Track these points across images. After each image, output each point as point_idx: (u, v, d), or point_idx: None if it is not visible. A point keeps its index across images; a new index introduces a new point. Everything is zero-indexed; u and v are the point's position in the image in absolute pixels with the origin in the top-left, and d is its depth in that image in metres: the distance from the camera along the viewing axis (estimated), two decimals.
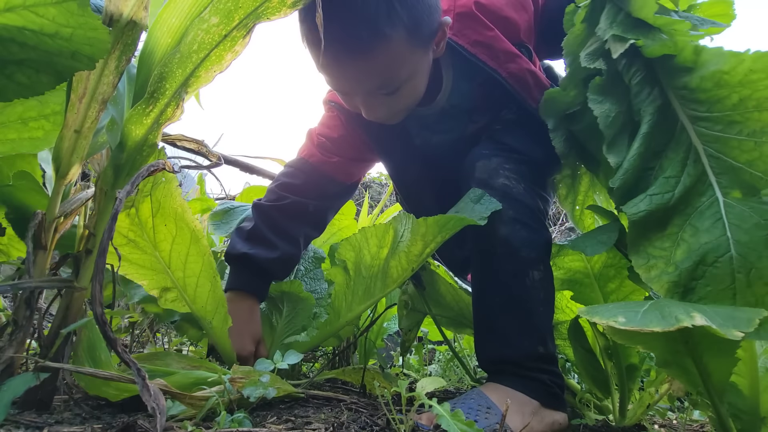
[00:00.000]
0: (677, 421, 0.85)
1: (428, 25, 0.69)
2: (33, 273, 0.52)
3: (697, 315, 0.40)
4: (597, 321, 0.43)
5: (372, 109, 0.74)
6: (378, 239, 0.75)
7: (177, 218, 0.67)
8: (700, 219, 0.50)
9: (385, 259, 0.75)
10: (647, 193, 0.54)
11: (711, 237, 0.49)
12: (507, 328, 0.64)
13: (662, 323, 0.40)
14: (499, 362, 0.65)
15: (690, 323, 0.39)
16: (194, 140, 0.83)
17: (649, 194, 0.53)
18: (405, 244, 0.71)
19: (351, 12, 0.62)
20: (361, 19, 0.62)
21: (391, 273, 0.75)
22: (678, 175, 0.53)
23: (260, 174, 2.97)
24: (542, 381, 0.62)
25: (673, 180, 0.53)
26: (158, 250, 0.70)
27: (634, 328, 0.41)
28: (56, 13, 0.42)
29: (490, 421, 0.56)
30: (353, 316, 0.80)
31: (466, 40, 0.73)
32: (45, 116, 0.66)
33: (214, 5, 0.51)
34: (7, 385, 0.43)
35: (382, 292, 0.76)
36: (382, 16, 0.63)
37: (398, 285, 0.76)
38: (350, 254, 0.79)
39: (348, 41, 0.64)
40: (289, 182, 0.89)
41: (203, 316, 0.76)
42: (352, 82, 0.71)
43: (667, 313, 0.41)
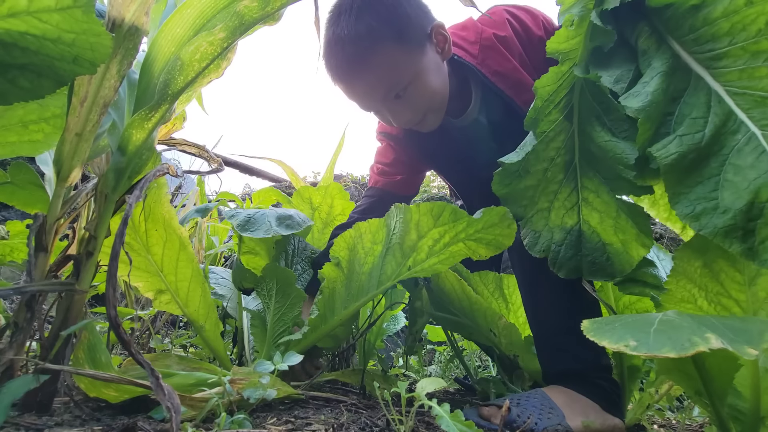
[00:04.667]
0: (676, 421, 0.85)
1: (415, 30, 0.80)
2: (34, 275, 0.53)
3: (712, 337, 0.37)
4: (606, 345, 0.41)
5: (397, 115, 0.85)
6: (372, 235, 0.75)
7: (165, 224, 0.69)
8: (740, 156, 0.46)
9: (379, 256, 0.75)
10: (675, 134, 0.50)
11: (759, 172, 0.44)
12: (570, 344, 0.68)
13: (676, 348, 0.37)
14: (564, 374, 0.69)
15: (706, 347, 0.36)
16: (195, 145, 0.84)
17: (678, 135, 0.49)
18: (398, 235, 0.70)
19: (340, 42, 0.77)
20: (348, 43, 0.77)
21: (386, 269, 0.74)
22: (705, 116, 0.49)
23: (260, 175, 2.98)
24: (603, 387, 0.66)
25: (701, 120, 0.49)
26: (150, 254, 0.71)
27: (648, 354, 0.38)
28: (60, 19, 0.43)
29: (552, 421, 0.60)
30: (348, 314, 0.79)
31: (488, 69, 0.82)
32: (45, 119, 0.66)
33: (225, 23, 0.52)
34: (7, 387, 0.43)
35: (377, 289, 0.76)
36: (363, 35, 0.76)
37: (394, 282, 0.75)
38: (344, 252, 0.79)
39: (346, 65, 0.79)
40: (364, 208, 1.07)
41: (196, 320, 0.77)
42: (367, 96, 0.84)
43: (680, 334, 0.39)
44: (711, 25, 0.51)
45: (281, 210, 0.93)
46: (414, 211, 0.67)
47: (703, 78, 0.51)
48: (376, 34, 0.77)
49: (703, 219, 0.47)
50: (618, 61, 0.58)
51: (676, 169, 0.49)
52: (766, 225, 0.43)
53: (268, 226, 0.85)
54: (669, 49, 0.54)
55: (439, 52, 0.83)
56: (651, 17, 0.56)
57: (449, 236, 0.68)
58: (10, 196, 0.69)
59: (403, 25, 0.78)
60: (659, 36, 0.55)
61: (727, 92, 0.49)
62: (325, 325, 0.81)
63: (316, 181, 3.38)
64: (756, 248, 0.44)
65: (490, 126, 0.90)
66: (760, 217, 0.44)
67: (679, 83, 0.53)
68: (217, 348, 0.80)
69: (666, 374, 0.57)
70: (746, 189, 0.45)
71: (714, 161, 0.48)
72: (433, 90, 0.83)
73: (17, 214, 1.64)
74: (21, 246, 0.88)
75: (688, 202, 0.49)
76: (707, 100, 0.50)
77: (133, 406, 0.56)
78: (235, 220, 0.86)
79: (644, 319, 0.44)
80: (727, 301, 0.55)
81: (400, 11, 0.79)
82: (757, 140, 0.45)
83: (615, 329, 0.43)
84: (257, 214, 0.88)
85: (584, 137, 0.62)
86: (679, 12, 0.53)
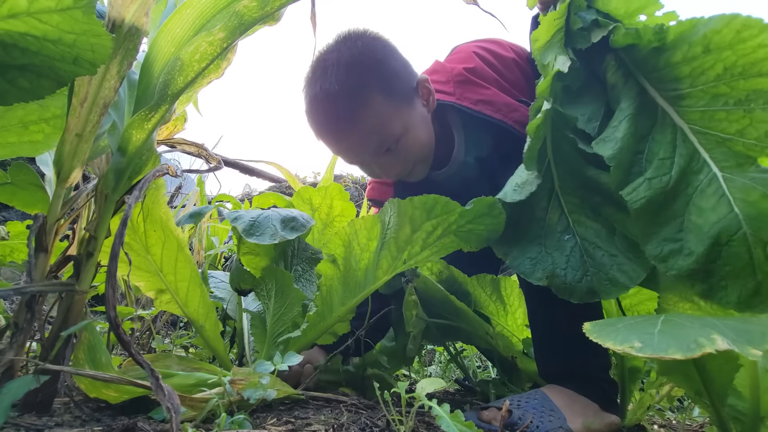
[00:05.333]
0: (677, 421, 0.85)
1: (402, 85, 0.81)
2: (34, 276, 0.53)
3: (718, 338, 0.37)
4: (611, 347, 0.40)
5: (387, 168, 0.85)
6: (367, 231, 0.75)
7: (163, 226, 0.69)
8: (703, 197, 0.48)
9: (375, 251, 0.75)
10: (644, 177, 0.51)
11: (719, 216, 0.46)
12: (568, 342, 0.68)
13: (683, 349, 0.37)
14: (563, 372, 0.69)
15: (713, 348, 0.36)
16: (194, 144, 0.84)
17: (647, 178, 0.51)
18: (393, 229, 0.71)
19: (330, 96, 0.76)
20: (338, 98, 0.76)
21: (381, 264, 0.74)
22: (671, 156, 0.51)
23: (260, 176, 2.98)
24: (601, 386, 0.67)
25: (668, 161, 0.51)
26: (150, 254, 0.71)
27: (654, 355, 0.38)
28: (60, 20, 0.43)
29: (553, 423, 0.60)
30: (346, 309, 0.79)
31: (469, 101, 0.82)
32: (45, 120, 0.67)
33: (224, 23, 0.52)
34: (8, 387, 0.43)
35: (373, 284, 0.76)
36: (354, 89, 0.76)
37: (389, 276, 0.74)
38: (340, 249, 0.79)
39: (336, 120, 0.78)
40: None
41: (196, 319, 0.77)
42: (356, 151, 0.83)
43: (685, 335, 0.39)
44: (672, 68, 0.52)
45: (284, 211, 0.92)
46: (407, 205, 0.67)
47: (669, 114, 0.52)
48: (367, 88, 0.76)
49: (669, 261, 0.49)
50: (588, 98, 0.60)
51: (646, 213, 0.51)
52: (724, 266, 0.46)
53: (273, 230, 0.83)
54: (636, 84, 0.56)
55: (425, 105, 0.85)
56: (618, 51, 0.58)
57: (442, 228, 0.68)
58: (10, 197, 0.69)
59: (392, 79, 0.79)
60: (626, 70, 0.57)
61: (691, 130, 0.51)
62: (323, 322, 0.81)
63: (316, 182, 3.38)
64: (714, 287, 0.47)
65: (478, 164, 0.89)
66: (719, 259, 0.47)
67: (647, 120, 0.54)
68: (217, 347, 0.80)
69: (666, 375, 0.57)
70: (707, 233, 0.47)
71: (680, 201, 0.50)
72: (422, 142, 0.84)
73: (17, 214, 1.64)
74: (21, 246, 0.88)
75: (657, 243, 0.51)
76: (673, 138, 0.52)
77: (133, 407, 0.56)
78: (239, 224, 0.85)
79: (646, 320, 0.44)
80: None
81: (388, 66, 0.79)
82: (718, 182, 0.48)
83: (618, 331, 0.42)
84: (261, 217, 0.87)
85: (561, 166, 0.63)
86: (642, 53, 0.55)
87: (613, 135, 0.54)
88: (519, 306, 1.00)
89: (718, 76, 0.49)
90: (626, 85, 0.56)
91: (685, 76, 0.51)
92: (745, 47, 0.47)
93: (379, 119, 0.78)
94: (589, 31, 0.58)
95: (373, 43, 0.80)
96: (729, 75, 0.49)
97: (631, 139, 0.53)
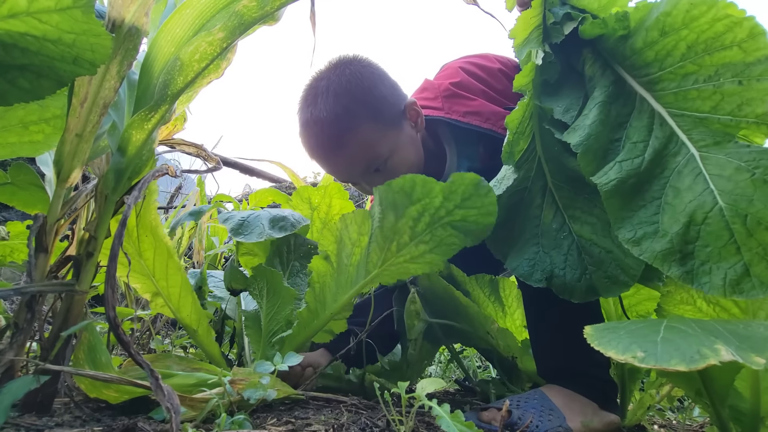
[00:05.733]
0: (677, 421, 0.85)
1: (388, 109, 0.85)
2: (34, 276, 0.53)
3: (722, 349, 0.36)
4: (613, 356, 0.39)
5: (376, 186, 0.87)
6: (358, 225, 0.74)
7: (152, 232, 0.69)
8: (680, 178, 0.46)
9: (366, 246, 0.74)
10: (615, 160, 0.50)
11: (694, 194, 0.44)
12: (566, 340, 0.68)
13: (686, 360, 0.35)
14: (561, 371, 0.69)
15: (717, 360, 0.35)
16: (194, 144, 0.84)
17: (617, 161, 0.50)
18: (377, 219, 0.69)
19: (319, 123, 0.82)
20: (327, 124, 0.81)
21: (371, 257, 0.73)
22: (645, 139, 0.49)
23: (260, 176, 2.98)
24: (600, 386, 0.67)
25: (640, 144, 0.49)
26: (143, 259, 0.71)
27: (657, 366, 0.36)
28: (60, 19, 0.43)
29: (553, 423, 0.60)
30: (339, 306, 0.78)
31: (457, 113, 0.86)
32: (45, 120, 0.67)
33: (224, 23, 0.52)
34: (8, 387, 0.43)
35: (364, 279, 0.75)
36: (341, 116, 0.81)
37: (379, 269, 0.73)
38: (332, 245, 0.78)
39: (326, 144, 0.83)
40: None
41: (189, 325, 0.77)
42: (347, 171, 0.88)
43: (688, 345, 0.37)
44: (639, 54, 0.51)
45: (275, 211, 0.93)
46: (386, 190, 0.63)
47: (647, 100, 0.51)
48: (354, 115, 0.81)
49: (643, 243, 0.46)
50: (567, 90, 0.59)
51: (617, 195, 0.49)
52: (704, 247, 0.42)
53: (261, 229, 0.85)
54: (613, 73, 0.55)
55: (413, 126, 0.89)
56: (594, 44, 0.57)
57: (429, 215, 0.65)
58: (10, 197, 0.69)
59: (379, 105, 0.84)
60: (603, 61, 0.56)
61: (669, 113, 0.49)
62: (317, 319, 0.80)
63: (315, 182, 3.38)
64: (695, 271, 0.43)
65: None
66: (698, 239, 0.43)
67: (624, 107, 0.53)
68: (212, 351, 0.80)
69: (667, 376, 0.57)
70: (682, 212, 0.44)
71: (656, 184, 0.47)
72: (410, 163, 0.88)
73: (18, 214, 1.64)
74: (21, 247, 0.88)
75: (630, 227, 0.48)
76: (650, 122, 0.50)
77: (133, 407, 0.56)
78: (228, 224, 0.86)
79: (648, 326, 0.43)
80: (726, 302, 0.55)
81: (375, 93, 0.84)
82: (695, 161, 0.45)
83: (620, 338, 0.41)
84: (251, 217, 0.88)
85: (551, 161, 0.62)
86: (611, 42, 0.54)
87: (582, 123, 0.53)
88: (517, 307, 1.00)
89: (683, 55, 0.48)
90: (603, 75, 0.55)
91: (652, 60, 0.51)
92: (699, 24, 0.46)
93: (366, 143, 0.83)
94: (561, 24, 0.58)
95: (361, 70, 0.85)
96: (693, 53, 0.47)
97: (601, 126, 0.52)
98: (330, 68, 0.86)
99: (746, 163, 0.42)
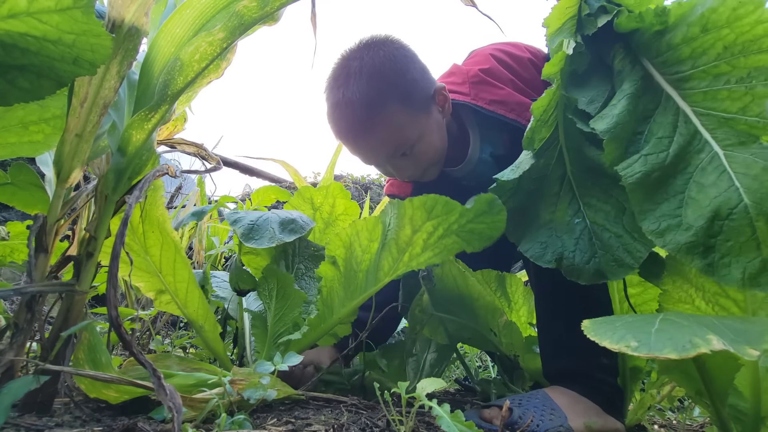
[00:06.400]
0: (677, 421, 0.85)
1: (419, 93, 0.84)
2: (34, 276, 0.53)
3: (713, 338, 0.37)
4: (607, 345, 0.40)
5: (401, 170, 0.90)
6: (368, 232, 0.75)
7: (160, 227, 0.69)
8: (704, 175, 0.47)
9: (376, 253, 0.75)
10: (641, 153, 0.52)
11: (719, 190, 0.45)
12: (573, 342, 0.67)
13: (678, 349, 0.37)
14: (566, 372, 0.69)
15: (708, 349, 0.36)
16: (194, 144, 0.84)
17: (643, 154, 0.51)
18: (393, 231, 0.70)
19: (351, 104, 0.81)
20: (358, 106, 0.81)
21: (382, 265, 0.74)
22: (670, 135, 0.51)
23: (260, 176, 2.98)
24: (605, 390, 0.66)
25: (666, 140, 0.51)
26: (149, 255, 0.71)
27: (649, 354, 0.38)
28: (60, 20, 0.43)
29: (554, 422, 0.60)
30: (347, 312, 0.79)
31: (483, 101, 0.86)
32: (45, 120, 0.67)
33: (224, 23, 0.52)
34: (8, 388, 0.43)
35: (374, 286, 0.76)
36: (374, 99, 0.80)
37: (390, 277, 0.74)
38: (341, 250, 0.79)
39: (356, 126, 0.83)
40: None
41: (195, 320, 0.77)
42: (374, 154, 0.88)
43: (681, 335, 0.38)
44: (674, 50, 0.52)
45: (284, 213, 0.92)
46: (407, 206, 0.67)
47: (672, 98, 0.52)
48: (386, 98, 0.80)
49: (667, 235, 0.48)
50: (594, 82, 0.60)
51: (641, 187, 0.51)
52: (726, 242, 0.44)
53: (272, 233, 0.84)
54: (642, 69, 0.56)
55: (440, 111, 0.89)
56: (626, 39, 0.58)
57: (443, 228, 0.68)
58: (10, 197, 0.69)
59: (410, 89, 0.83)
60: (633, 56, 0.57)
61: (694, 112, 0.50)
62: (324, 324, 0.81)
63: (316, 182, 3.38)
64: (716, 264, 0.45)
65: (497, 162, 0.92)
66: (720, 234, 0.45)
67: (650, 103, 0.54)
68: (216, 348, 0.80)
69: (667, 374, 0.56)
70: (707, 207, 0.46)
71: (680, 179, 0.49)
72: (435, 148, 0.88)
73: (18, 215, 1.64)
74: (21, 247, 0.88)
75: (654, 219, 0.50)
76: (675, 119, 0.52)
77: (133, 407, 0.56)
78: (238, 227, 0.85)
79: (645, 319, 0.44)
80: (725, 301, 0.55)
81: (408, 76, 0.83)
82: (719, 159, 0.47)
83: (616, 329, 0.42)
84: (260, 220, 0.87)
85: (572, 151, 0.63)
86: (645, 37, 0.55)
87: (610, 112, 0.54)
88: (523, 304, 1.00)
89: (719, 55, 0.49)
90: (633, 70, 0.56)
91: (687, 57, 0.52)
92: (742, 24, 0.47)
93: (396, 127, 0.82)
94: (596, 16, 0.58)
95: (394, 52, 0.84)
96: (729, 53, 0.48)
97: (628, 116, 0.53)
98: (362, 48, 0.84)
99: None
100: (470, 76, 0.89)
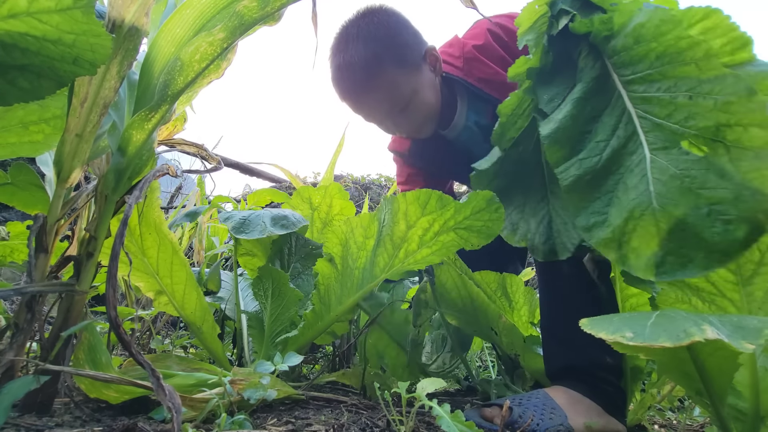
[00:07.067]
0: (677, 421, 0.85)
1: (412, 54, 0.94)
2: (34, 276, 0.53)
3: (708, 328, 0.39)
4: (603, 336, 0.42)
5: (400, 126, 1.00)
6: (363, 229, 0.75)
7: (156, 228, 0.69)
8: (631, 176, 0.52)
9: (372, 250, 0.75)
10: (577, 157, 0.56)
11: (637, 192, 0.50)
12: (576, 340, 0.68)
13: (672, 338, 0.39)
14: (569, 370, 0.69)
15: (702, 337, 0.38)
16: (194, 144, 0.84)
17: (579, 159, 0.56)
18: (388, 227, 0.71)
19: (351, 67, 0.91)
20: (357, 68, 0.91)
21: (378, 262, 0.74)
22: (608, 138, 0.55)
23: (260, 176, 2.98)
24: (607, 390, 0.66)
25: (602, 144, 0.55)
26: (146, 257, 0.71)
27: (643, 344, 0.39)
28: (60, 20, 0.43)
29: (554, 421, 0.60)
30: (344, 309, 0.79)
31: (473, 78, 0.95)
32: (45, 120, 0.67)
33: (225, 23, 0.52)
34: (8, 388, 0.43)
35: (370, 283, 0.76)
36: (370, 61, 0.90)
37: (386, 274, 0.74)
38: (337, 247, 0.79)
39: (357, 87, 0.93)
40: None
41: (193, 322, 0.77)
42: (373, 111, 0.98)
43: (676, 326, 0.40)
44: (619, 55, 0.56)
45: (276, 210, 0.93)
46: (401, 200, 0.68)
47: (623, 97, 0.56)
48: (381, 60, 0.90)
49: (593, 231, 0.53)
50: (558, 80, 0.63)
51: (575, 189, 0.55)
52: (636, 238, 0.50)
53: (263, 227, 0.85)
54: (602, 66, 0.59)
55: (432, 71, 0.98)
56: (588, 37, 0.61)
57: (438, 225, 0.68)
58: (10, 197, 0.69)
59: (403, 50, 0.92)
60: (596, 54, 0.60)
61: (636, 114, 0.54)
62: (321, 321, 0.80)
63: (316, 182, 3.38)
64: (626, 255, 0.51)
65: (481, 131, 1.01)
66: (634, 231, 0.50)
67: (601, 102, 0.58)
68: (215, 349, 0.80)
69: (666, 374, 0.56)
70: (625, 208, 0.51)
71: (611, 179, 0.54)
72: (429, 104, 0.98)
73: (18, 215, 1.64)
74: (21, 247, 0.88)
75: (585, 215, 0.55)
76: (618, 120, 0.55)
77: (133, 407, 0.56)
78: (230, 222, 0.86)
79: (642, 314, 0.46)
80: (722, 301, 0.55)
81: (399, 39, 0.93)
82: (645, 163, 0.51)
83: (613, 323, 0.44)
84: (252, 216, 0.88)
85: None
86: (597, 39, 0.58)
87: (555, 116, 0.58)
88: (524, 303, 1.00)
89: (652, 63, 0.53)
90: (593, 68, 0.59)
91: (629, 63, 0.55)
92: (667, 39, 0.51)
93: (392, 85, 0.92)
94: (557, 18, 0.62)
95: (387, 19, 0.94)
96: (660, 63, 0.52)
97: (571, 120, 0.57)
98: (359, 17, 0.94)
99: (680, 171, 0.48)
100: (465, 51, 0.97)
